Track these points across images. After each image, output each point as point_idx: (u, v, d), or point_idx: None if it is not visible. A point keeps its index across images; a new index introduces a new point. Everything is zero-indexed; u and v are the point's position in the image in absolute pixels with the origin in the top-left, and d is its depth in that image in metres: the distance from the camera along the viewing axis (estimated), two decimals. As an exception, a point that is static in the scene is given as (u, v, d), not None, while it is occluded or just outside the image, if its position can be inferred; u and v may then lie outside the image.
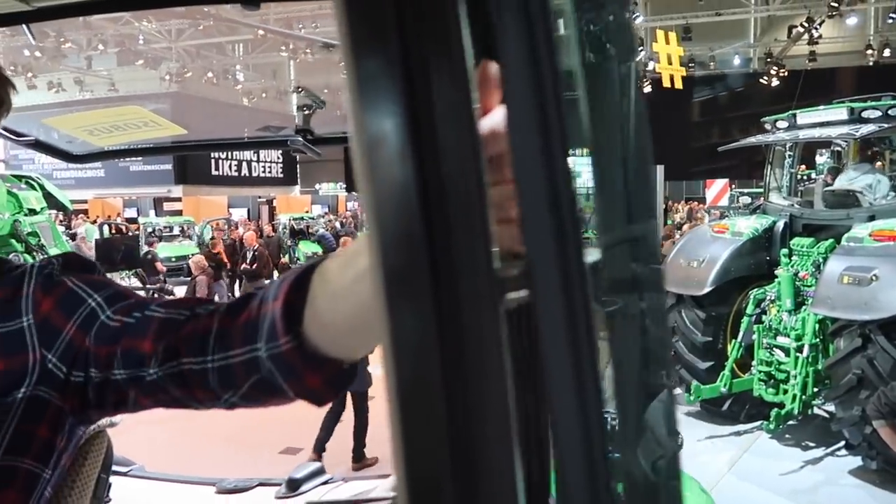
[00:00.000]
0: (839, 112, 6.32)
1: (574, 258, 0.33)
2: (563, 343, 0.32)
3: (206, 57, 24.60)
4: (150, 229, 16.97)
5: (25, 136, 1.93)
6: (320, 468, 1.26)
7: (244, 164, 29.02)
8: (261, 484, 1.27)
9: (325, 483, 1.23)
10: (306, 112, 1.99)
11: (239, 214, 22.40)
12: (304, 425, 6.04)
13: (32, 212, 9.82)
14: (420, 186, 0.33)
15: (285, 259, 14.76)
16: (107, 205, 23.70)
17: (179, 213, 21.63)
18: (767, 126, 6.97)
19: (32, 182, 9.80)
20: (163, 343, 0.70)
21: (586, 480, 0.32)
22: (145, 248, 13.93)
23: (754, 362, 5.94)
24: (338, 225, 19.55)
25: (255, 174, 30.02)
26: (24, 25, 1.52)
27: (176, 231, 17.02)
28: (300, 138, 1.92)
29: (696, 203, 19.37)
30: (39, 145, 2.01)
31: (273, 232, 16.21)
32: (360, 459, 5.90)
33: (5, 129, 1.80)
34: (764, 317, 5.95)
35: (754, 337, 5.90)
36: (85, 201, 21.88)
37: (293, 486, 1.22)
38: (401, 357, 0.34)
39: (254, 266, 10.88)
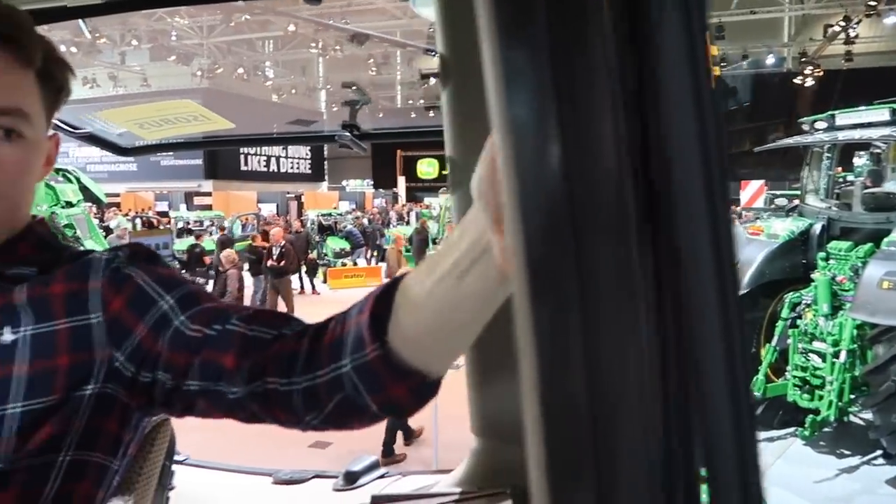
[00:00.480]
0: (880, 113, 6.18)
1: (727, 250, 0.32)
2: (717, 335, 0.32)
3: (237, 53, 24.86)
4: (180, 223, 17.21)
5: (80, 128, 1.96)
6: (376, 462, 1.27)
7: (273, 159, 29.30)
8: (316, 476, 1.28)
9: (382, 477, 1.24)
10: (353, 107, 1.99)
11: (268, 210, 22.63)
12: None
13: (69, 204, 10.03)
14: (567, 177, 0.33)
15: (313, 255, 14.86)
16: (139, 198, 24.10)
17: (209, 207, 21.90)
18: (805, 127, 6.84)
19: (69, 175, 10.01)
20: (248, 362, 0.69)
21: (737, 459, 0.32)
22: (192, 241, 14.14)
23: (789, 367, 5.84)
24: (365, 221, 19.63)
25: (283, 170, 30.30)
26: (80, 21, 1.55)
27: (206, 225, 17.23)
28: (347, 133, 1.92)
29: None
30: (93, 138, 2.04)
31: (302, 227, 16.33)
32: (389, 455, 5.96)
33: (61, 121, 1.84)
34: (799, 321, 5.84)
35: (789, 341, 5.80)
36: (118, 195, 22.24)
37: (351, 478, 1.23)
38: (543, 353, 0.33)
39: (281, 262, 10.92)
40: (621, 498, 0.32)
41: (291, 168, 30.92)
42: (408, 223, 20.80)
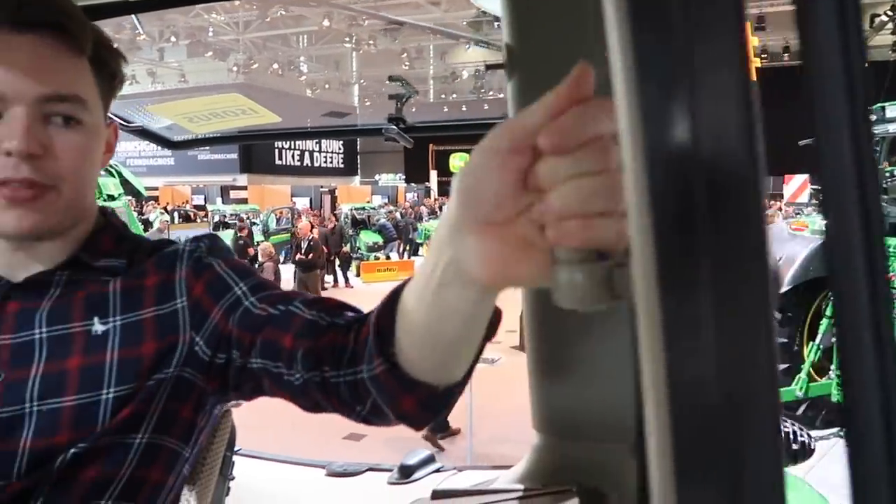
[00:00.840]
0: (932, 105, 5.99)
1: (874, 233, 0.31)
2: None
3: (272, 48, 25.11)
4: (217, 217, 17.48)
5: (132, 122, 1.99)
6: (431, 456, 1.26)
7: (306, 154, 29.59)
8: (370, 469, 1.28)
9: (438, 471, 1.23)
10: (399, 101, 1.99)
11: (302, 203, 22.86)
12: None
13: (111, 198, 10.25)
14: (701, 162, 0.31)
15: (346, 248, 14.98)
16: (176, 192, 24.52)
17: (245, 201, 22.21)
18: (853, 119, 6.64)
19: (111, 169, 10.22)
20: (303, 345, 0.70)
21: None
22: (233, 234, 14.35)
23: (833, 366, 5.71)
24: (398, 215, 19.70)
25: (316, 164, 30.58)
26: (134, 17, 1.57)
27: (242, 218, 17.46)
28: (395, 126, 1.92)
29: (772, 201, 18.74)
30: (144, 132, 2.07)
31: (336, 221, 16.46)
32: (442, 430, 5.99)
33: (114, 114, 1.86)
34: (844, 319, 5.70)
35: (833, 340, 5.66)
36: (156, 188, 22.67)
37: (406, 472, 1.22)
38: (674, 344, 0.32)
39: (309, 256, 10.92)
40: (754, 495, 0.31)
41: (325, 162, 31.17)
42: (437, 217, 20.80)
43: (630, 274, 0.34)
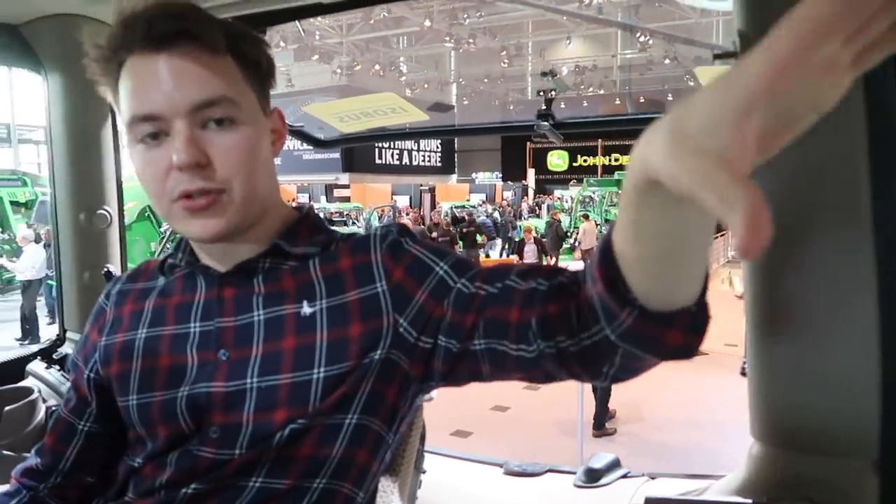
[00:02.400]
0: None
1: None
2: None
3: (374, 50, 25.68)
4: (322, 214, 18.04)
5: (290, 124, 2.06)
6: (616, 460, 1.23)
7: (405, 153, 30.09)
8: (550, 470, 1.26)
9: (625, 477, 1.20)
10: (549, 97, 1.96)
11: (402, 202, 23.26)
12: (473, 408, 6.18)
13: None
14: None
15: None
16: (283, 190, 25.40)
17: (348, 199, 22.84)
18: None
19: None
20: (531, 316, 0.69)
21: None
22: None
23: None
24: (496, 215, 19.69)
25: (415, 163, 31.04)
26: (297, 22, 1.62)
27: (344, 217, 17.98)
28: (546, 123, 1.89)
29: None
30: (298, 133, 2.14)
31: (439, 220, 16.64)
32: (600, 427, 5.97)
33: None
34: None
35: None
36: (264, 187, 23.60)
37: (592, 476, 1.20)
38: None
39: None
40: None
41: (423, 161, 31.60)
42: (538, 215, 20.64)
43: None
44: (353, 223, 17.67)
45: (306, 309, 0.81)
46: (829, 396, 0.86)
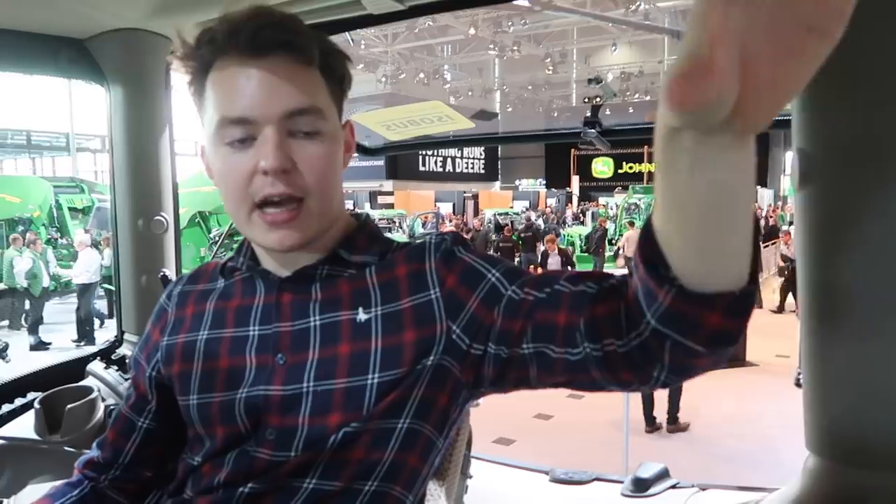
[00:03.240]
0: None
1: None
2: None
3: (419, 59, 25.86)
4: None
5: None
6: (664, 469, 1.22)
7: (449, 160, 30.19)
8: (597, 479, 1.25)
9: (674, 487, 1.18)
10: (596, 104, 1.95)
11: (445, 208, 23.33)
12: (515, 415, 6.14)
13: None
14: None
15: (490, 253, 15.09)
16: (328, 197, 25.72)
17: (391, 206, 23.01)
18: None
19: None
20: (579, 318, 0.69)
21: None
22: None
23: None
24: (540, 222, 19.57)
25: (458, 170, 31.12)
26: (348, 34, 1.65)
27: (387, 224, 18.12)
28: (593, 130, 1.89)
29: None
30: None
31: (480, 226, 16.64)
32: (674, 422, 5.89)
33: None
34: None
35: None
36: (311, 194, 23.92)
37: (640, 485, 1.18)
38: None
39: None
40: None
41: (466, 168, 31.65)
42: (583, 223, 20.43)
43: None
44: (399, 230, 17.79)
45: (361, 315, 0.82)
46: (889, 408, 0.84)
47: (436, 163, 29.76)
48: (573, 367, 0.70)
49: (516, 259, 13.73)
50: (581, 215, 22.04)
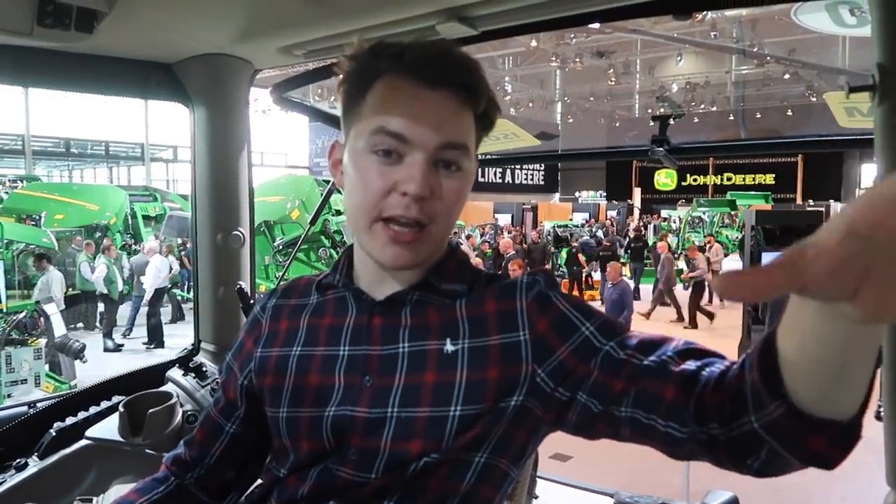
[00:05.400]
0: None
1: None
2: None
3: (480, 70, 25.91)
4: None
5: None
6: (734, 498, 1.20)
7: (508, 171, 30.13)
8: (663, 503, 1.24)
9: (744, 517, 1.17)
10: (664, 122, 1.94)
11: (504, 220, 23.28)
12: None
13: (338, 213, 11.23)
14: None
15: (548, 265, 14.96)
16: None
17: (451, 217, 23.01)
18: None
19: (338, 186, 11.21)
20: (687, 399, 0.70)
21: None
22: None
23: None
24: (600, 234, 19.31)
25: (517, 181, 31.03)
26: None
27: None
28: (661, 149, 1.87)
29: None
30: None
31: (538, 238, 16.54)
32: None
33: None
34: None
35: None
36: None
37: (708, 514, 1.18)
38: None
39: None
40: None
41: (525, 179, 31.54)
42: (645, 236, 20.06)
43: None
44: (458, 242, 17.82)
45: (449, 347, 0.84)
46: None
47: (495, 174, 29.74)
48: (675, 441, 0.72)
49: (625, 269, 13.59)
50: (643, 228, 21.61)
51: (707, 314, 11.98)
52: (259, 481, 0.99)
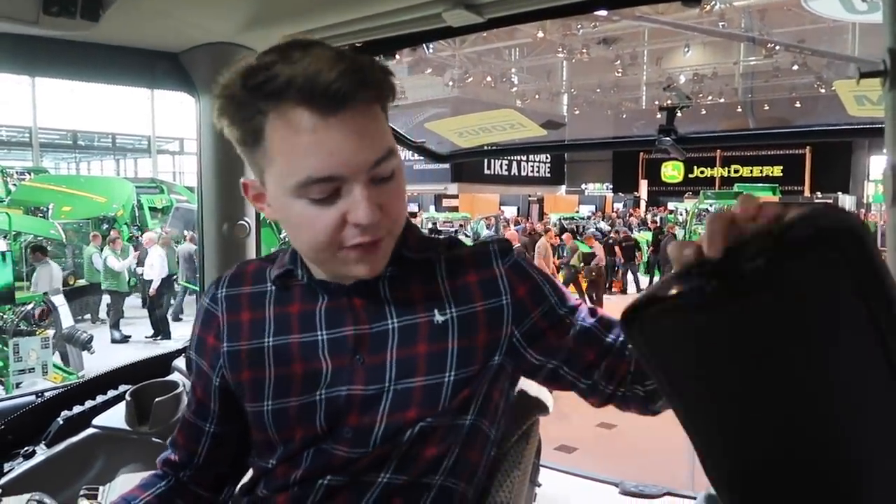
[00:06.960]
0: None
1: None
2: None
3: (486, 62, 25.87)
4: (430, 224, 18.38)
5: (412, 140, 2.14)
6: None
7: (514, 163, 30.07)
8: (668, 493, 1.24)
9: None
10: (672, 112, 1.93)
11: (510, 212, 23.27)
12: (578, 424, 6.06)
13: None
14: None
15: (555, 258, 14.93)
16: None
17: (456, 209, 23.10)
18: None
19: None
20: (605, 361, 0.91)
21: None
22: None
23: None
24: (603, 225, 19.27)
25: (523, 173, 30.96)
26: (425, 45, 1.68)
27: (456, 226, 18.19)
28: (668, 138, 1.86)
29: None
30: (421, 149, 2.21)
31: (544, 230, 16.49)
32: None
33: (395, 129, 2.02)
34: None
35: None
36: (376, 196, 24.23)
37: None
38: None
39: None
40: None
41: (531, 172, 31.47)
42: (650, 228, 19.99)
43: None
44: (465, 235, 17.83)
45: (438, 317, 0.87)
46: None
47: (501, 166, 29.70)
48: (598, 394, 0.94)
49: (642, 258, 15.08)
50: (650, 221, 21.54)
51: None
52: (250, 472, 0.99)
